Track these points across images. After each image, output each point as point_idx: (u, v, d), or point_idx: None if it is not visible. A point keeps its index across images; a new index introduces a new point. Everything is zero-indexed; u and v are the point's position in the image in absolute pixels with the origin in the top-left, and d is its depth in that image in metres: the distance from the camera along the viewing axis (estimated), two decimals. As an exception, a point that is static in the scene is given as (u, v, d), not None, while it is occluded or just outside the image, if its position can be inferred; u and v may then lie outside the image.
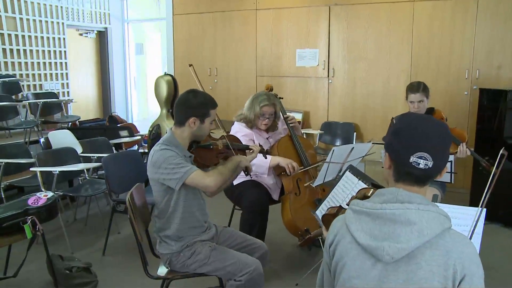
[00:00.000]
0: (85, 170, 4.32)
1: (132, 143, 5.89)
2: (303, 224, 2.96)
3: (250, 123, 3.27)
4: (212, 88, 6.40)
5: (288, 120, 3.37)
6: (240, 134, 3.10)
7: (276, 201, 3.29)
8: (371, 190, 1.40)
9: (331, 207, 1.68)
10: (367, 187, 1.80)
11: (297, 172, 3.12)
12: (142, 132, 6.36)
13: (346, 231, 1.28)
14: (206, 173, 2.28)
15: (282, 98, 3.52)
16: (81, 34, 7.62)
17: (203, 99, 2.35)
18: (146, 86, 8.53)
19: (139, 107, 8.70)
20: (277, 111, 3.30)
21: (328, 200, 2.17)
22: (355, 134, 5.59)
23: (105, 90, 8.09)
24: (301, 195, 3.17)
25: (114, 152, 4.71)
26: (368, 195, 1.38)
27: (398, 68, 5.35)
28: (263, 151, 2.83)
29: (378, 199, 1.25)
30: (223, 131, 2.69)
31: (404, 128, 1.26)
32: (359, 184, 2.03)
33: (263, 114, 3.22)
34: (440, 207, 1.23)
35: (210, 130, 2.47)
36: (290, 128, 3.36)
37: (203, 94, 2.39)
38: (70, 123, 6.19)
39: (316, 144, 5.71)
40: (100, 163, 3.77)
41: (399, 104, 5.23)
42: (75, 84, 7.44)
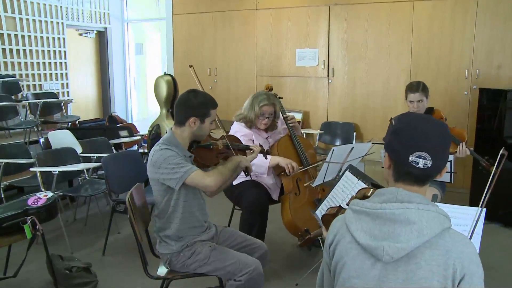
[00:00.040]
0: (84, 170, 4.32)
1: (132, 143, 5.89)
2: (302, 224, 2.96)
3: (250, 123, 3.27)
4: (212, 88, 6.40)
5: (287, 120, 3.37)
6: (240, 134, 3.09)
7: (276, 201, 3.29)
8: (371, 190, 1.40)
9: (331, 207, 1.69)
10: (366, 187, 1.80)
11: (296, 172, 3.12)
12: (141, 132, 6.36)
13: (346, 231, 1.28)
14: (206, 173, 2.28)
15: (281, 98, 3.52)
16: (80, 34, 7.62)
17: (203, 99, 2.35)
18: (146, 86, 8.53)
19: (138, 107, 8.70)
20: (276, 111, 3.30)
21: (327, 200, 2.17)
22: (354, 134, 5.59)
23: (104, 90, 8.09)
24: (300, 195, 3.17)
25: (114, 152, 4.71)
26: (368, 195, 1.38)
27: (398, 68, 5.35)
28: (264, 151, 2.83)
29: (378, 199, 1.26)
30: (223, 131, 2.69)
31: (404, 127, 1.26)
32: (359, 184, 2.02)
33: (263, 114, 3.22)
34: (439, 207, 1.23)
35: (210, 130, 2.47)
36: (290, 128, 3.36)
37: (203, 94, 2.39)
38: (70, 123, 6.20)
39: (316, 144, 5.70)
40: (100, 163, 3.77)
41: (399, 104, 5.23)
42: (75, 84, 7.44)
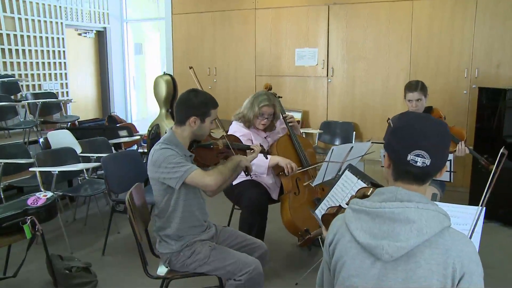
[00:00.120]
0: (84, 170, 4.32)
1: (131, 143, 5.89)
2: (302, 223, 2.96)
3: (248, 123, 3.27)
4: (211, 88, 6.39)
5: (287, 119, 3.37)
6: (238, 134, 3.08)
7: (276, 200, 3.29)
8: (371, 189, 1.40)
9: (331, 207, 1.69)
10: (366, 186, 1.80)
11: (295, 172, 3.12)
12: (141, 132, 6.36)
13: (345, 230, 1.29)
14: (206, 172, 2.28)
15: (281, 97, 3.52)
16: (80, 34, 7.62)
17: (204, 98, 2.35)
18: (145, 86, 8.53)
19: (138, 107, 8.70)
20: (276, 112, 3.29)
21: (327, 199, 2.17)
22: (354, 134, 5.59)
23: (104, 90, 8.08)
24: (300, 195, 3.17)
25: (114, 152, 4.71)
26: (367, 194, 1.38)
27: (398, 67, 5.35)
28: (264, 151, 2.82)
29: (378, 198, 1.26)
30: (222, 131, 2.69)
31: (402, 127, 1.26)
32: (358, 183, 2.02)
33: (262, 114, 3.22)
34: (439, 206, 1.23)
35: (210, 130, 2.47)
36: (289, 127, 3.36)
37: (204, 94, 2.39)
38: (69, 123, 6.19)
39: (316, 144, 5.70)
40: (100, 163, 3.77)
41: (398, 103, 5.23)
42: (74, 84, 7.44)
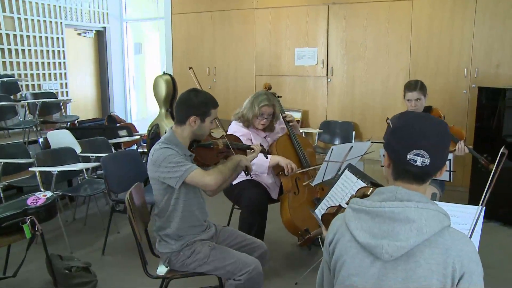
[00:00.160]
0: (84, 170, 4.32)
1: (131, 143, 5.89)
2: (302, 223, 2.96)
3: (247, 122, 3.27)
4: (211, 88, 6.39)
5: (286, 119, 3.37)
6: (238, 134, 3.07)
7: (275, 200, 3.29)
8: (371, 189, 1.40)
9: (331, 207, 1.69)
10: (366, 185, 1.80)
11: (295, 172, 3.12)
12: (141, 131, 6.36)
13: (345, 230, 1.29)
14: (206, 171, 2.28)
15: (280, 97, 3.51)
16: (79, 34, 7.61)
17: (204, 98, 2.35)
18: (145, 86, 8.53)
19: (138, 107, 8.70)
20: (276, 112, 3.29)
21: (327, 199, 2.17)
22: (354, 133, 5.59)
23: (104, 89, 8.08)
24: (299, 194, 3.17)
25: (113, 151, 4.70)
26: (367, 193, 1.38)
27: (397, 67, 5.35)
28: (264, 151, 2.82)
29: (378, 197, 1.26)
30: (222, 131, 2.69)
31: (402, 126, 1.27)
32: (358, 183, 2.02)
33: (262, 114, 3.21)
34: (439, 205, 1.23)
35: (210, 130, 2.47)
36: (289, 127, 3.35)
37: (204, 93, 2.39)
38: (69, 123, 6.19)
39: (315, 143, 5.70)
40: (99, 163, 3.77)
41: (398, 102, 5.23)
42: (74, 84, 7.44)
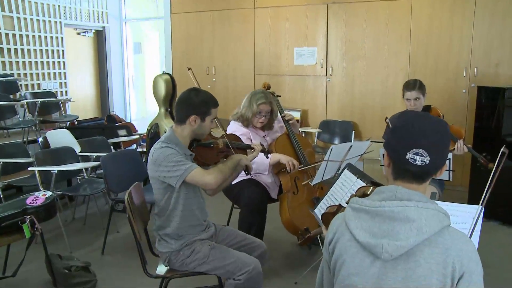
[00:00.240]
0: (83, 170, 4.32)
1: (130, 142, 5.88)
2: (301, 223, 2.96)
3: (246, 121, 3.27)
4: (210, 87, 6.39)
5: (285, 118, 3.37)
6: (238, 133, 3.08)
7: (275, 199, 3.29)
8: (371, 188, 1.40)
9: (331, 206, 1.69)
10: (366, 185, 1.81)
11: (296, 170, 3.12)
12: (140, 131, 6.36)
13: (345, 229, 1.29)
14: (206, 170, 2.29)
15: (279, 96, 3.51)
16: (79, 33, 7.61)
17: (204, 97, 2.35)
18: (144, 85, 8.52)
19: (137, 106, 8.70)
20: (273, 109, 3.29)
21: (326, 198, 2.18)
22: (353, 133, 5.59)
23: (103, 89, 8.07)
24: (299, 194, 3.17)
25: (113, 151, 4.70)
26: (367, 193, 1.38)
27: (397, 66, 5.35)
28: (265, 150, 2.82)
29: (378, 196, 1.26)
30: (222, 130, 2.69)
31: (401, 125, 1.27)
32: (358, 182, 2.03)
33: (260, 112, 3.21)
34: (439, 205, 1.23)
35: (210, 129, 2.47)
36: (288, 126, 3.35)
37: (204, 93, 2.39)
38: (68, 123, 6.19)
39: (315, 143, 5.70)
40: (99, 162, 3.77)
41: (397, 102, 5.22)
42: (73, 83, 7.43)
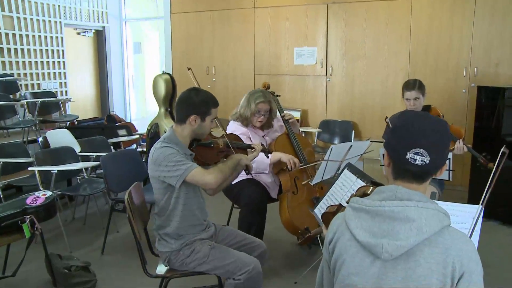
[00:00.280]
0: (83, 169, 4.32)
1: (130, 142, 5.89)
2: (300, 222, 2.96)
3: (245, 121, 3.26)
4: (210, 87, 6.39)
5: (285, 118, 3.36)
6: (237, 133, 3.07)
7: (275, 199, 3.29)
8: (371, 188, 1.40)
9: (331, 205, 1.69)
10: (366, 184, 1.81)
11: (297, 168, 3.12)
12: (140, 131, 6.36)
13: (345, 229, 1.29)
14: (207, 170, 2.29)
15: (279, 96, 3.51)
16: (79, 33, 7.60)
17: (205, 97, 2.35)
18: (144, 85, 8.53)
19: (137, 106, 8.70)
20: (272, 108, 3.29)
21: (326, 198, 2.18)
22: (353, 132, 5.59)
23: (103, 89, 8.07)
24: (298, 194, 3.17)
25: (113, 151, 4.70)
26: (367, 192, 1.38)
27: (397, 66, 5.35)
28: (265, 150, 2.82)
29: (378, 196, 1.26)
30: (221, 130, 2.69)
31: (401, 125, 1.27)
32: (357, 182, 2.03)
33: (259, 111, 3.21)
34: (439, 205, 1.23)
35: (210, 129, 2.47)
36: (288, 125, 3.35)
37: (205, 92, 2.39)
38: (68, 122, 6.19)
39: (315, 142, 5.70)
40: (99, 162, 3.76)
41: (397, 102, 5.22)
42: (73, 83, 7.43)
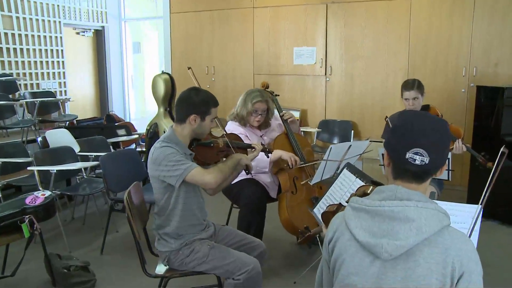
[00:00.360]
0: (82, 169, 4.32)
1: (129, 142, 5.89)
2: (299, 222, 2.95)
3: (243, 121, 3.26)
4: (209, 87, 6.38)
5: (284, 117, 3.36)
6: (236, 133, 3.08)
7: (274, 199, 3.29)
8: (371, 188, 1.40)
9: (331, 205, 1.68)
10: (366, 184, 1.81)
11: (298, 166, 3.12)
12: (139, 130, 6.36)
13: (345, 228, 1.29)
14: (206, 170, 2.28)
15: (278, 96, 3.51)
16: (78, 33, 7.60)
17: (204, 96, 2.35)
18: (144, 85, 8.52)
19: (136, 106, 8.69)
20: (270, 107, 3.28)
21: (325, 198, 2.18)
22: (352, 132, 5.59)
23: (102, 89, 8.07)
24: (297, 193, 3.17)
25: (112, 151, 4.70)
26: (367, 192, 1.38)
27: (396, 66, 5.35)
28: (266, 150, 2.82)
29: (378, 196, 1.26)
30: (221, 130, 2.69)
31: (401, 125, 1.27)
32: (357, 182, 2.03)
33: (256, 111, 3.21)
34: (439, 205, 1.23)
35: (210, 129, 2.47)
36: (287, 125, 3.34)
37: (205, 92, 2.39)
38: (68, 122, 6.18)
39: (314, 142, 5.70)
40: (98, 162, 3.77)
41: (397, 102, 5.21)
42: (73, 83, 7.43)
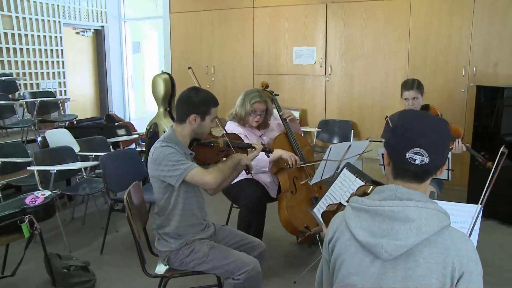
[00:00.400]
0: (82, 169, 4.32)
1: (129, 142, 5.89)
2: (299, 222, 2.95)
3: (242, 121, 3.26)
4: (209, 87, 6.38)
5: (284, 117, 3.35)
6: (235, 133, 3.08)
7: (274, 199, 3.29)
8: (371, 187, 1.40)
9: (331, 204, 1.68)
10: (366, 184, 1.81)
11: (298, 165, 3.12)
12: (139, 130, 6.36)
13: (345, 228, 1.29)
14: (206, 170, 2.28)
15: (277, 95, 3.51)
16: (78, 33, 7.60)
17: (205, 96, 2.35)
18: (144, 85, 8.52)
19: (136, 106, 8.69)
20: (268, 108, 3.28)
21: (325, 197, 2.18)
22: (352, 132, 5.59)
23: (102, 88, 8.07)
24: (297, 193, 3.17)
25: (112, 150, 4.70)
26: (367, 192, 1.38)
27: (396, 66, 5.35)
28: (266, 150, 2.82)
29: (378, 196, 1.26)
30: (221, 130, 2.69)
31: (401, 125, 1.27)
32: (357, 182, 2.03)
33: (255, 111, 3.20)
34: (439, 205, 1.23)
35: (210, 129, 2.47)
36: (286, 125, 3.34)
37: (205, 92, 2.39)
38: (68, 122, 6.18)
39: (314, 142, 5.70)
40: (98, 162, 3.76)
41: (396, 101, 5.22)
42: (72, 82, 7.43)
